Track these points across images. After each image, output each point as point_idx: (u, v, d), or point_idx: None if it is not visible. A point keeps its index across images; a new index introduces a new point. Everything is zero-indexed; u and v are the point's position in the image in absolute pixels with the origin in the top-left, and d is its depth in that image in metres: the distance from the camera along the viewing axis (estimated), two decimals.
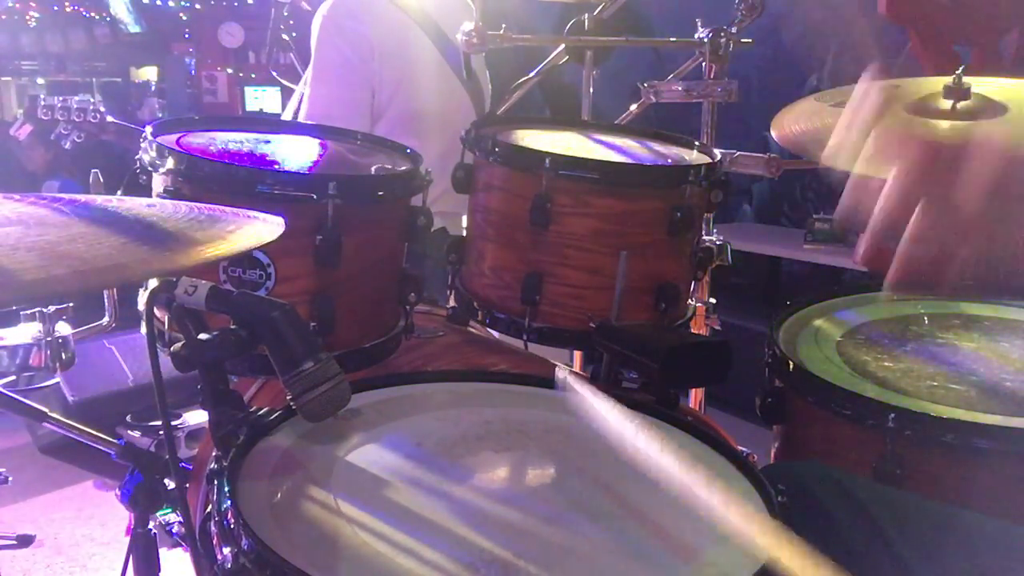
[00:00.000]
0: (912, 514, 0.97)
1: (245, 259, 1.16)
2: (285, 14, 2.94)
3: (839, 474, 1.04)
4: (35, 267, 0.62)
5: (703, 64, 1.91)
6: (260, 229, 0.82)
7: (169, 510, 1.33)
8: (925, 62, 2.94)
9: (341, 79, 2.01)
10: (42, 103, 2.57)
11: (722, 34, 1.87)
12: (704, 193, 1.38)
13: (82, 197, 0.86)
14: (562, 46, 2.15)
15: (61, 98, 2.59)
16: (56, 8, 6.39)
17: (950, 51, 2.99)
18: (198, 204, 0.90)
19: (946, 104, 1.37)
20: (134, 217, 0.83)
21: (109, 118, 2.59)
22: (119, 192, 1.24)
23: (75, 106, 2.57)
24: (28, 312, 1.58)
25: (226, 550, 0.76)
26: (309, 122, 1.93)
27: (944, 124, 0.72)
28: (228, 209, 0.88)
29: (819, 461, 1.22)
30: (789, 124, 1.45)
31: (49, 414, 1.36)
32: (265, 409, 0.98)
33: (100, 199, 0.87)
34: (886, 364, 1.28)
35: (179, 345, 0.92)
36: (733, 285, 4.24)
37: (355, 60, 1.99)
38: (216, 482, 0.84)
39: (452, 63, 2.11)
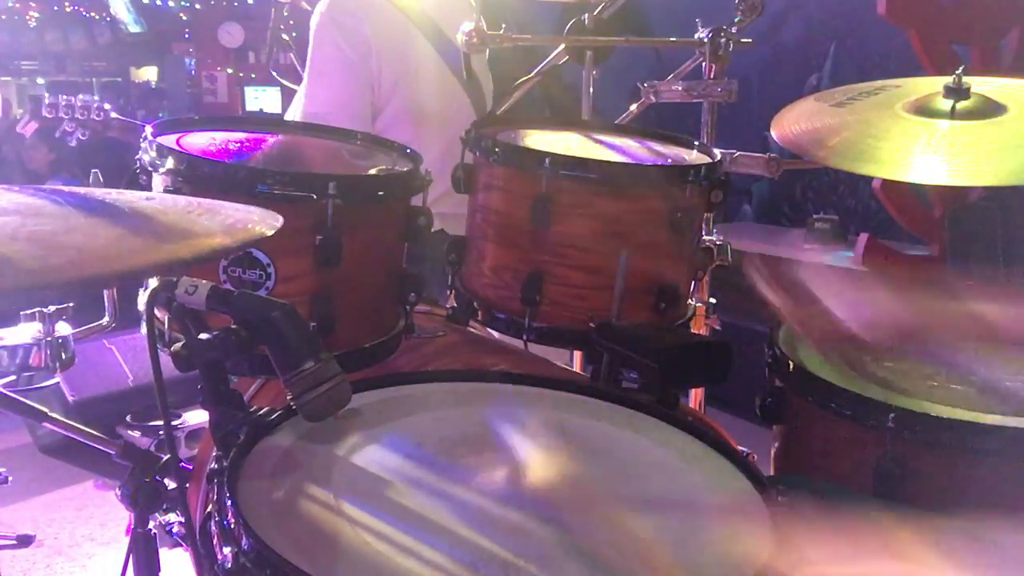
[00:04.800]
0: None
1: (245, 259, 1.16)
2: (285, 14, 2.93)
3: (832, 489, 1.04)
4: (33, 256, 0.62)
5: (703, 64, 1.91)
6: (258, 223, 0.82)
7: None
8: (925, 62, 2.94)
9: (340, 76, 2.00)
10: (46, 102, 2.59)
11: (722, 34, 1.87)
12: (704, 193, 1.38)
13: (81, 189, 0.86)
14: (562, 46, 2.15)
15: (65, 96, 2.61)
16: (56, 8, 6.39)
17: (950, 51, 2.99)
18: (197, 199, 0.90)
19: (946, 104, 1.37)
20: (132, 209, 0.83)
21: (113, 114, 2.60)
22: None
23: (79, 104, 2.59)
24: (28, 312, 1.58)
25: (226, 550, 0.76)
26: (309, 121, 1.92)
27: None
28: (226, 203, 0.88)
29: (822, 465, 1.22)
30: (789, 124, 1.46)
31: (49, 414, 1.35)
32: (265, 409, 0.98)
33: (99, 191, 0.87)
34: (886, 364, 1.27)
35: (179, 345, 0.92)
36: (733, 285, 4.23)
37: (354, 57, 1.98)
38: (216, 482, 0.84)
39: (451, 63, 2.11)
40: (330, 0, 2.01)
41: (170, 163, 1.16)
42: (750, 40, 1.96)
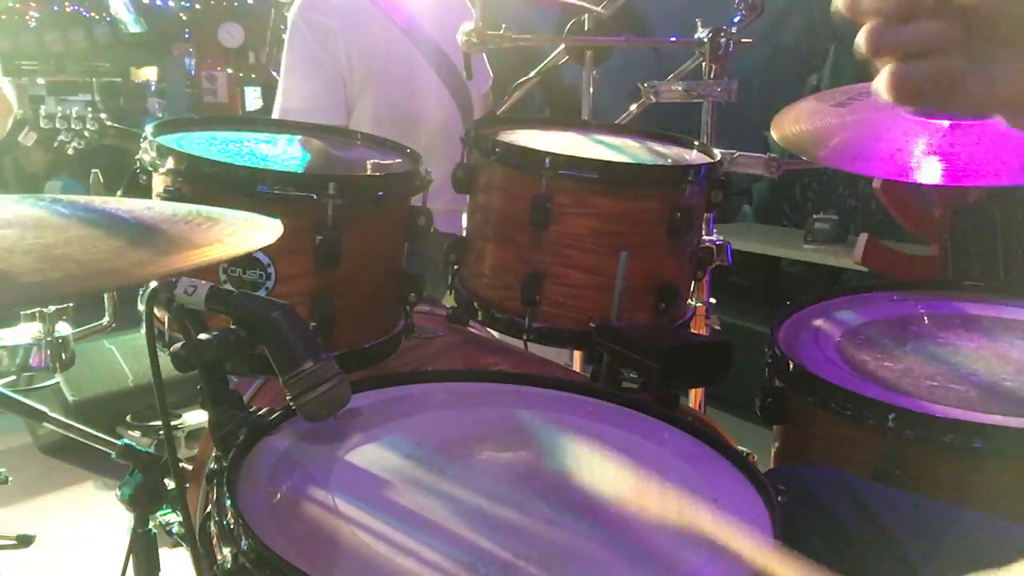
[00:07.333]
0: (917, 515, 0.97)
1: (245, 259, 1.16)
2: (285, 14, 2.94)
3: (845, 477, 1.04)
4: (32, 270, 0.62)
5: (703, 64, 1.91)
6: (258, 232, 0.82)
7: (169, 510, 1.33)
8: None
9: (312, 73, 2.03)
10: (43, 113, 2.64)
11: (722, 34, 1.87)
12: (704, 193, 1.38)
13: (81, 198, 0.86)
14: (562, 46, 2.15)
15: (61, 108, 2.66)
16: (56, 8, 6.38)
17: None
18: (197, 207, 0.90)
19: None
20: (132, 219, 0.82)
21: (109, 123, 2.63)
22: (119, 192, 1.24)
23: (74, 114, 2.63)
24: (28, 312, 1.58)
25: (226, 550, 0.76)
26: (289, 118, 1.93)
27: None
28: (227, 212, 0.88)
29: (823, 463, 1.22)
30: (789, 124, 1.46)
31: (49, 414, 1.36)
32: (265, 409, 0.98)
33: (99, 200, 0.87)
34: (886, 364, 1.27)
35: (179, 345, 0.92)
36: (733, 285, 4.24)
37: (323, 54, 2.01)
38: (216, 482, 0.84)
39: (435, 63, 2.11)
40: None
41: (170, 163, 1.16)
42: (750, 40, 1.95)
